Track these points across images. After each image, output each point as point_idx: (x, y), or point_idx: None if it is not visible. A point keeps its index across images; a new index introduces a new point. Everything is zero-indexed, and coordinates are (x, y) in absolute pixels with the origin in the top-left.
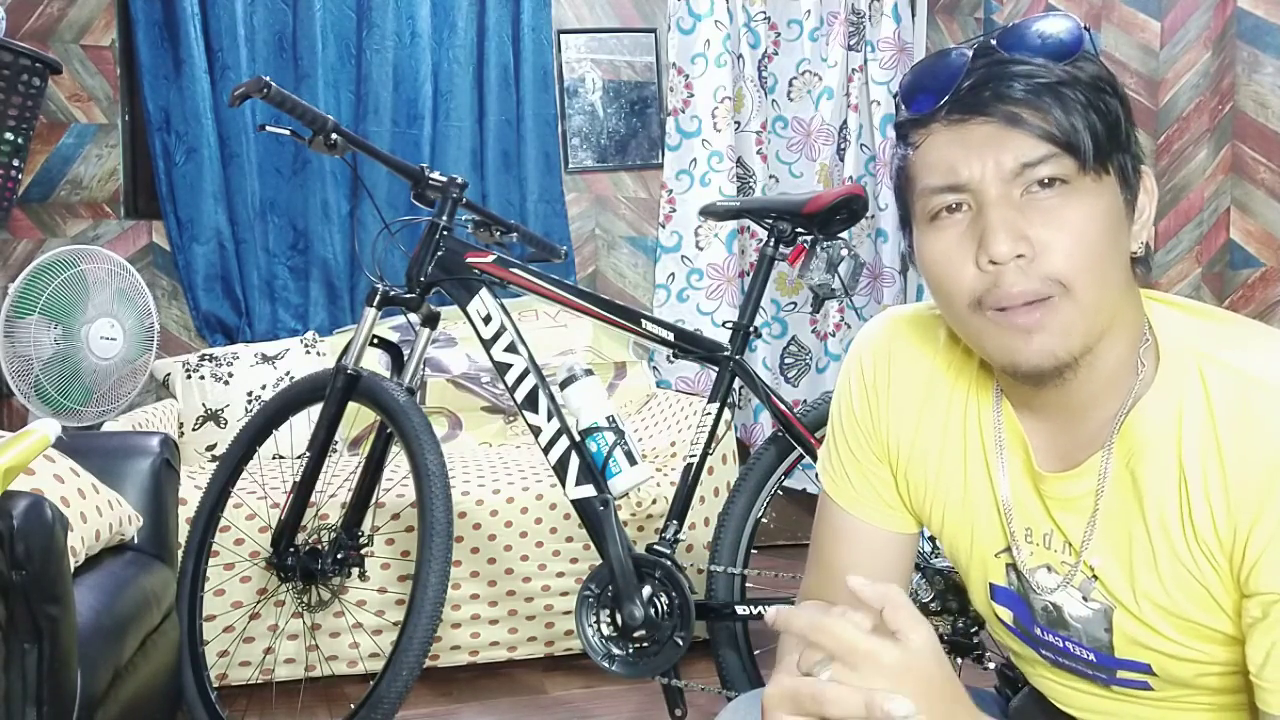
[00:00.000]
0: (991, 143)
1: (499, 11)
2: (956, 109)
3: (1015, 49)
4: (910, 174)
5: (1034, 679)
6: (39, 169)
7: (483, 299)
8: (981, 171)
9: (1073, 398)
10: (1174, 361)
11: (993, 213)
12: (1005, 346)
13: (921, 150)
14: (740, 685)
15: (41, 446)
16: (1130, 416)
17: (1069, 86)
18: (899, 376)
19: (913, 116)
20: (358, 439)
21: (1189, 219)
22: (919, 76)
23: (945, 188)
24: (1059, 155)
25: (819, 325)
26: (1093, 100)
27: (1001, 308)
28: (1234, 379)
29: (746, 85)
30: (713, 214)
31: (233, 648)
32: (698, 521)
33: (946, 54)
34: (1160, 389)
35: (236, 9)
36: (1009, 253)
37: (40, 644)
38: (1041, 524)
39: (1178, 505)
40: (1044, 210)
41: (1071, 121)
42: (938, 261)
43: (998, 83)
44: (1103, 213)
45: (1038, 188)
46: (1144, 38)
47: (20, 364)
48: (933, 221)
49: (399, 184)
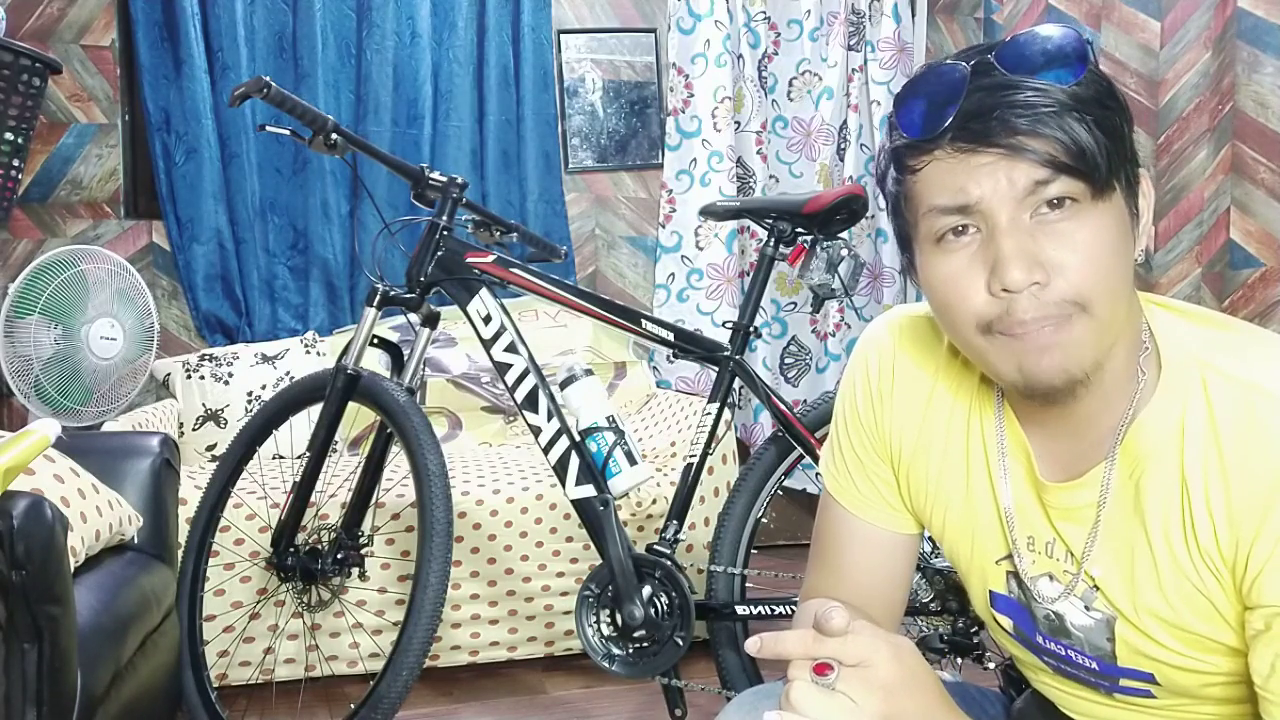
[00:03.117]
0: (1000, 166)
1: (499, 11)
2: (960, 138)
3: (1017, 69)
4: (910, 194)
5: (1036, 684)
6: (39, 169)
7: (483, 299)
8: (993, 190)
9: (1077, 409)
10: (1176, 371)
11: (1005, 241)
12: (1017, 366)
13: (923, 174)
14: (740, 685)
15: (41, 446)
16: (1133, 427)
17: (1076, 110)
18: (903, 378)
19: (911, 141)
20: (358, 439)
21: (1189, 219)
22: (914, 95)
23: (954, 209)
24: (1069, 177)
25: (819, 325)
26: (1100, 120)
27: (1014, 333)
28: (1236, 388)
29: (746, 85)
30: (713, 214)
31: (233, 648)
32: (698, 521)
33: (942, 71)
34: (1162, 398)
35: (236, 9)
36: (1024, 281)
37: (40, 644)
38: (1044, 533)
39: (1180, 516)
40: (1055, 233)
41: (1080, 145)
42: (945, 285)
43: (1004, 111)
44: (1112, 228)
45: (1047, 209)
46: (1144, 38)
47: (20, 364)
48: (939, 243)
49: (399, 184)
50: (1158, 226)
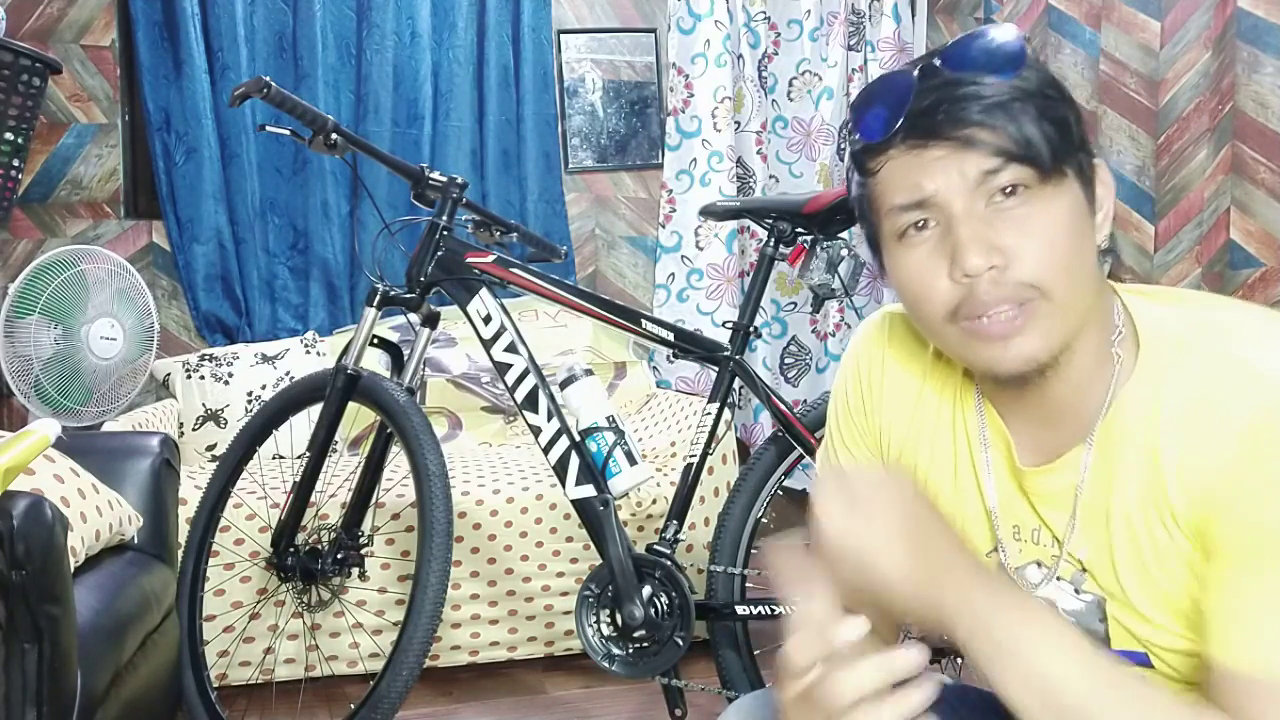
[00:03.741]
0: (952, 159)
1: (499, 11)
2: (912, 135)
3: (960, 67)
4: (872, 196)
5: None
6: (39, 169)
7: (483, 299)
8: (946, 184)
9: (1052, 395)
10: (1154, 351)
11: (962, 228)
12: (984, 353)
13: (881, 175)
14: (740, 685)
15: (41, 446)
16: (1112, 409)
17: (1019, 101)
18: (892, 376)
19: (868, 144)
20: (358, 439)
21: (1189, 219)
22: (868, 101)
23: (911, 205)
24: (1017, 165)
25: (819, 325)
26: (1043, 110)
27: (977, 316)
28: (1211, 359)
29: (746, 85)
30: (713, 214)
31: (233, 648)
32: (698, 521)
33: (892, 78)
34: (1140, 379)
35: (236, 9)
36: (982, 265)
37: (40, 644)
38: (1029, 520)
39: (1156, 487)
40: (1011, 219)
41: (1025, 134)
42: (911, 278)
43: (950, 105)
44: (1067, 213)
45: (1001, 197)
46: (1144, 38)
47: (20, 364)
48: (901, 240)
49: (399, 184)
50: (1158, 227)
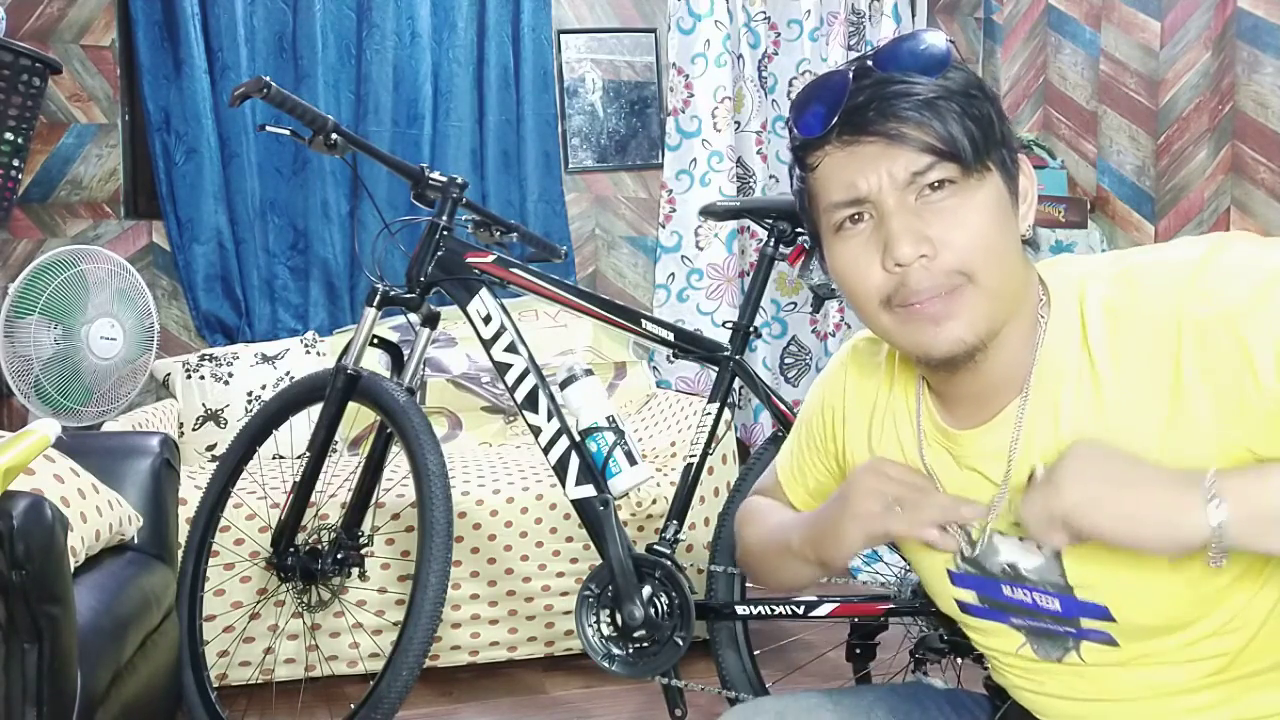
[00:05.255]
0: (883, 157)
1: (499, 11)
2: (846, 130)
3: (890, 67)
4: (812, 192)
5: (1013, 691)
6: (39, 169)
7: (483, 299)
8: (878, 183)
9: (987, 377)
10: (1063, 294)
11: (893, 221)
12: (917, 338)
13: (819, 171)
14: (740, 685)
15: (41, 446)
16: (1039, 358)
17: (944, 99)
18: (852, 397)
19: (806, 140)
20: (358, 439)
21: (1189, 219)
22: (806, 100)
23: (847, 201)
24: (943, 162)
25: (819, 325)
26: (966, 108)
27: (910, 304)
28: (1116, 276)
29: (746, 85)
30: (713, 214)
31: (233, 648)
32: (698, 521)
33: (829, 77)
34: (1057, 320)
35: (236, 9)
36: (912, 254)
37: (40, 644)
38: (982, 488)
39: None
40: (939, 211)
41: (950, 131)
42: (847, 267)
43: (880, 103)
44: (991, 204)
45: (929, 191)
46: (1144, 38)
47: (20, 364)
48: (839, 232)
49: (399, 184)
50: (1158, 227)
